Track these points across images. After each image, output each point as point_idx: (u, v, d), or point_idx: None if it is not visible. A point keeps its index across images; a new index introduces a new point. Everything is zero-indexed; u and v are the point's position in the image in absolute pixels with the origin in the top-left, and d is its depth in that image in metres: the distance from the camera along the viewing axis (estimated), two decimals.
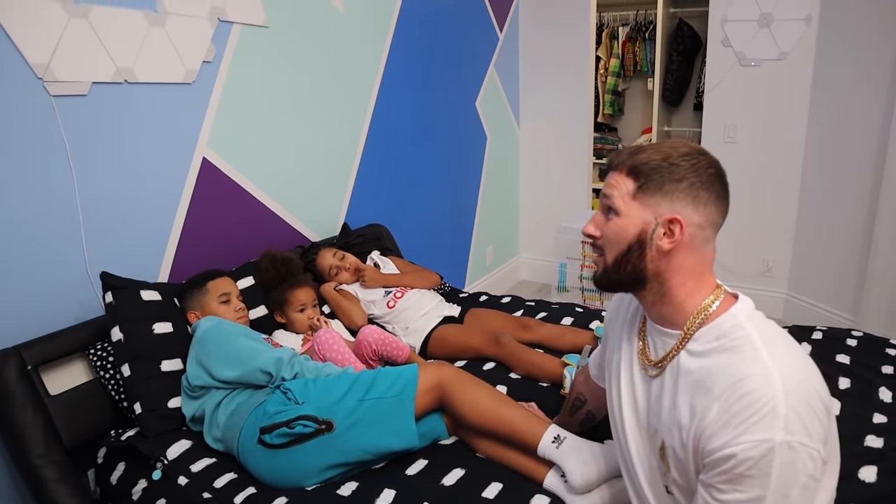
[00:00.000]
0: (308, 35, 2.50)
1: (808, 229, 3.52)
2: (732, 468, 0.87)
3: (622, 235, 1.02)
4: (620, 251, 1.03)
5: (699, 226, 0.99)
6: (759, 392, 0.87)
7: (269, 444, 1.48)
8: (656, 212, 0.99)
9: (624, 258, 1.02)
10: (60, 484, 1.55)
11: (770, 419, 0.85)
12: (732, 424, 0.88)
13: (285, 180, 2.48)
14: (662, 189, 0.98)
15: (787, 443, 0.84)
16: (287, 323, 2.08)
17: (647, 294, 1.05)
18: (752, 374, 0.89)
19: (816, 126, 3.38)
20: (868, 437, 1.49)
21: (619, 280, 1.05)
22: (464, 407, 1.53)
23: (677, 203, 0.98)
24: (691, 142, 1.05)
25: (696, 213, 0.98)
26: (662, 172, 0.99)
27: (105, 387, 1.74)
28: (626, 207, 1.01)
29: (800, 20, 3.32)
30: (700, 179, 0.98)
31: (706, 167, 0.99)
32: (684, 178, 0.98)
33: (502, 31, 4.00)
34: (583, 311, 2.40)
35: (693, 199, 0.98)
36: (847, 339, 2.00)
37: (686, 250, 0.99)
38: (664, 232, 0.99)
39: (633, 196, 1.01)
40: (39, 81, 1.64)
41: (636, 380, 1.11)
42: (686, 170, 0.98)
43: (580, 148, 4.19)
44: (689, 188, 0.98)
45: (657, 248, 1.00)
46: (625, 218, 1.01)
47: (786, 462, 0.85)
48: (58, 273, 1.74)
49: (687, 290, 1.01)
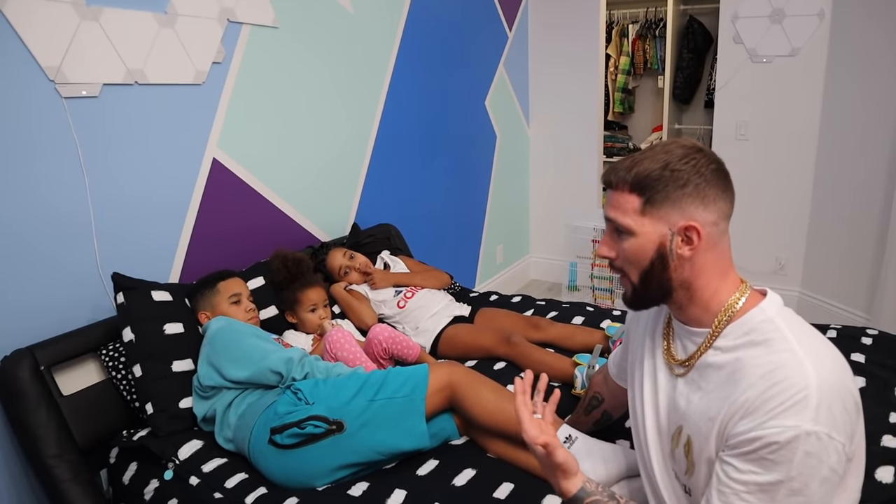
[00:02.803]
0: (317, 35, 2.50)
1: (821, 227, 3.49)
2: (756, 450, 0.87)
3: (641, 254, 1.00)
4: (643, 269, 1.01)
5: (713, 223, 0.98)
6: (793, 380, 0.86)
7: (279, 444, 1.49)
8: (669, 222, 0.98)
9: (648, 275, 1.01)
10: (73, 483, 1.57)
11: (801, 407, 0.85)
12: (763, 410, 0.87)
13: (295, 180, 2.48)
14: (670, 199, 0.97)
15: (815, 433, 0.84)
16: (298, 323, 2.09)
17: (675, 301, 1.04)
18: (786, 364, 0.88)
19: (829, 123, 3.35)
20: (885, 437, 1.47)
21: (649, 297, 1.05)
22: (474, 407, 1.52)
23: (688, 208, 0.97)
24: (684, 139, 1.03)
25: (708, 211, 0.97)
26: (666, 181, 0.97)
27: (117, 387, 1.75)
28: (637, 225, 0.99)
29: (812, 16, 3.29)
30: (704, 179, 0.97)
31: (707, 164, 0.98)
32: (689, 182, 0.96)
33: (511, 30, 3.99)
34: (593, 311, 2.39)
35: (702, 200, 0.97)
36: (862, 337, 1.98)
37: (706, 250, 0.99)
38: (682, 240, 0.98)
39: (641, 212, 0.99)
40: (51, 83, 1.66)
41: (660, 380, 1.11)
42: (688, 173, 0.97)
43: (590, 146, 4.17)
44: (696, 190, 0.97)
45: (678, 257, 0.99)
46: (640, 236, 1.00)
47: (810, 452, 0.84)
48: (70, 274, 1.76)
49: (713, 289, 1.00)
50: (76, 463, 1.59)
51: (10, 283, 1.62)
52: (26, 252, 1.65)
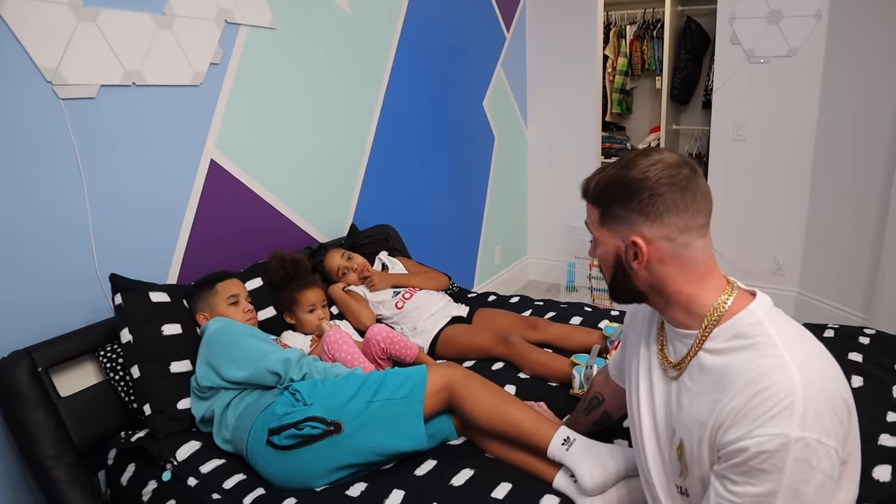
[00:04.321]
0: (315, 36, 2.50)
1: (818, 227, 3.50)
2: (746, 461, 0.86)
3: (606, 261, 1.06)
4: (610, 274, 1.07)
5: (665, 237, 0.97)
6: (778, 387, 0.86)
7: (277, 445, 1.49)
8: (621, 236, 1.01)
9: (615, 279, 1.07)
10: (71, 485, 1.56)
11: (787, 414, 0.84)
12: (749, 418, 0.87)
13: (293, 181, 2.48)
14: (619, 214, 1.00)
15: (803, 439, 0.84)
16: (296, 324, 2.09)
17: (654, 303, 1.06)
18: (771, 370, 0.88)
19: (827, 123, 3.35)
20: (882, 436, 1.47)
21: (622, 296, 1.09)
22: (472, 409, 1.52)
23: (635, 224, 0.99)
24: (654, 149, 1.03)
25: (656, 227, 0.97)
26: (614, 198, 1.00)
27: (115, 388, 1.75)
28: (599, 235, 1.05)
29: (809, 16, 3.30)
30: (650, 193, 0.96)
31: (656, 178, 0.96)
32: (633, 198, 0.98)
33: (509, 31, 3.99)
34: (592, 311, 2.39)
35: (647, 216, 0.97)
36: (859, 336, 1.98)
37: (663, 263, 0.99)
38: (633, 253, 1.00)
39: (600, 224, 1.04)
40: (48, 85, 1.66)
41: (655, 382, 1.11)
42: (637, 189, 0.97)
43: (588, 147, 4.17)
44: (641, 206, 0.97)
45: (633, 268, 1.01)
46: (602, 246, 1.06)
47: (800, 458, 0.84)
48: (67, 275, 1.75)
49: (688, 294, 1.00)
50: (74, 464, 1.59)
51: (8, 285, 1.62)
52: (24, 253, 1.65)
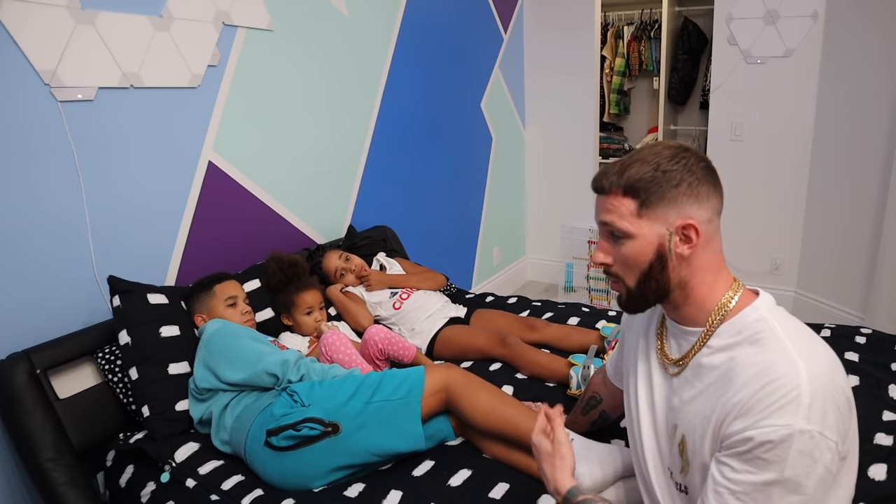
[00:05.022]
0: (313, 38, 2.51)
1: (816, 227, 3.50)
2: (750, 450, 0.87)
3: (641, 256, 1.01)
4: (642, 272, 1.02)
5: (708, 220, 1.00)
6: (785, 379, 0.87)
7: (275, 446, 1.49)
8: (667, 222, 0.99)
9: (647, 276, 1.02)
10: (70, 487, 1.56)
11: (794, 406, 0.85)
12: (756, 409, 0.88)
13: (290, 183, 2.49)
14: (666, 199, 0.98)
15: (808, 432, 0.84)
16: (294, 325, 2.09)
17: (671, 301, 1.05)
18: (778, 364, 0.89)
19: (824, 123, 3.36)
20: (878, 435, 1.48)
21: (646, 299, 1.05)
22: (470, 409, 1.53)
23: (684, 207, 0.98)
24: (668, 140, 1.04)
25: (703, 209, 0.99)
26: (660, 182, 0.98)
27: (113, 390, 1.75)
28: (635, 228, 1.00)
29: (806, 17, 3.31)
30: (696, 177, 0.98)
31: (696, 162, 1.00)
32: (682, 181, 0.98)
33: (507, 32, 4.00)
34: (589, 311, 2.39)
35: (696, 198, 0.98)
36: (856, 336, 1.99)
37: (703, 248, 1.00)
38: (680, 238, 0.99)
39: (638, 215, 1.00)
40: (46, 87, 1.66)
41: (655, 379, 1.11)
42: (680, 172, 0.98)
43: (586, 148, 4.18)
44: (690, 188, 0.98)
45: (677, 256, 1.00)
46: (639, 238, 1.00)
47: (804, 450, 0.85)
48: (65, 277, 1.76)
49: (707, 286, 1.01)
50: (72, 466, 1.59)
51: (6, 287, 1.62)
52: (22, 256, 1.65)
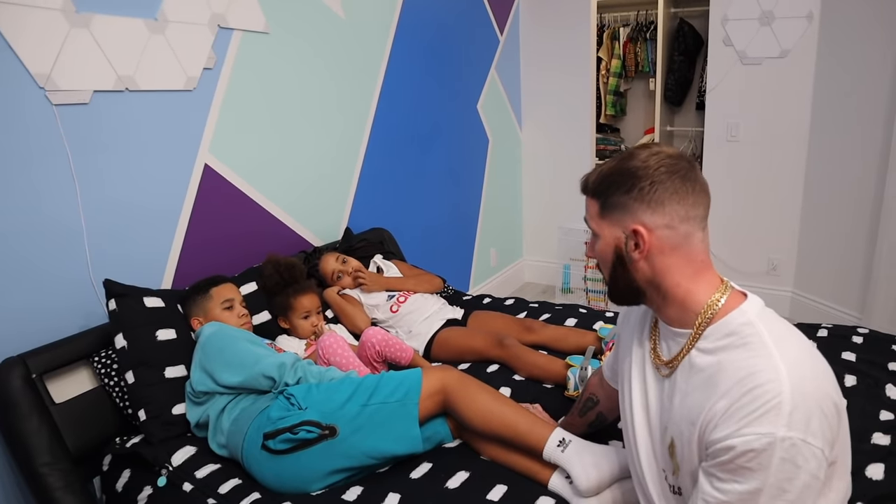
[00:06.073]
0: (309, 41, 2.51)
1: (812, 227, 3.51)
2: (732, 459, 0.87)
3: (605, 255, 1.06)
4: (609, 270, 1.07)
5: (667, 226, 0.99)
6: (767, 387, 0.87)
7: (272, 449, 1.48)
8: (622, 226, 1.02)
9: (613, 275, 1.07)
10: (66, 492, 1.56)
11: (774, 414, 0.85)
12: (737, 417, 0.88)
13: (287, 185, 2.48)
14: (619, 203, 1.01)
15: (790, 439, 0.84)
16: (291, 328, 2.08)
17: (650, 300, 1.07)
18: (761, 370, 0.89)
19: (820, 123, 3.37)
20: (875, 435, 1.48)
21: (621, 294, 1.09)
22: (468, 411, 1.52)
23: (636, 212, 1.00)
24: (654, 144, 1.06)
25: (658, 214, 0.99)
26: (614, 186, 1.02)
27: (110, 394, 1.74)
28: (599, 228, 1.06)
29: (801, 18, 3.32)
30: (651, 181, 0.98)
31: (657, 167, 0.99)
32: (634, 186, 0.99)
33: (503, 34, 4.00)
34: (586, 313, 2.39)
35: (649, 204, 0.99)
36: (853, 336, 1.99)
37: (664, 253, 1.00)
38: (634, 243, 1.01)
39: (600, 216, 1.05)
40: (41, 91, 1.65)
41: (648, 380, 1.12)
42: (635, 177, 0.99)
43: (583, 149, 4.18)
44: (641, 194, 0.99)
45: (633, 259, 1.02)
46: (602, 239, 1.06)
47: (786, 458, 0.84)
48: (61, 281, 1.75)
49: (684, 289, 1.01)
50: (69, 471, 1.58)
51: (2, 291, 1.62)
52: (17, 259, 1.65)
